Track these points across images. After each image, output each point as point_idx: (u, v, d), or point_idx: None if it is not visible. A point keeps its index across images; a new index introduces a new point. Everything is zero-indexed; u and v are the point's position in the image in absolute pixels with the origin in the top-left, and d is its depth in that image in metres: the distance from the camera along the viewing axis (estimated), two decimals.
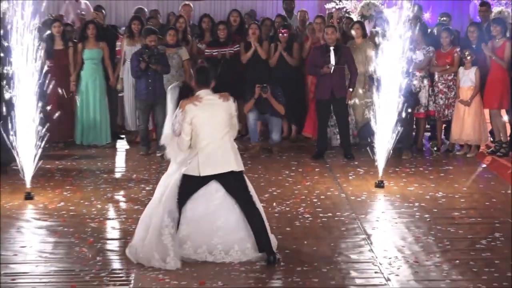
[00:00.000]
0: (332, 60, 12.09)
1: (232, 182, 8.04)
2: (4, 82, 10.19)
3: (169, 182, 8.05)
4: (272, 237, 8.15)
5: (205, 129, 7.92)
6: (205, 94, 7.95)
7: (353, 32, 12.91)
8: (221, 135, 7.98)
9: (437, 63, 12.61)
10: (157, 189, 8.23)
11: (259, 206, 8.16)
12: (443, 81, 12.59)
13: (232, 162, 7.97)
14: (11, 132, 10.09)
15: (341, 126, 12.55)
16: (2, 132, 10.21)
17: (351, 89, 12.40)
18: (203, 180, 8.01)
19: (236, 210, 7.97)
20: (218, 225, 7.95)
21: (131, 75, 12.95)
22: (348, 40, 12.89)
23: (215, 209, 7.99)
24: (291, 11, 14.96)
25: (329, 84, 12.20)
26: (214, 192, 8.01)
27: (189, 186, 7.96)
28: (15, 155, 10.21)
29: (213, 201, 8.00)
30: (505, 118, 12.17)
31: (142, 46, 12.74)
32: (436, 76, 12.65)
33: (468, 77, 12.35)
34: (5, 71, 10.13)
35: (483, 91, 12.40)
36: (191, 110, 7.83)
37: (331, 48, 12.16)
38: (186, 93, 8.11)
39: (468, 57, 12.25)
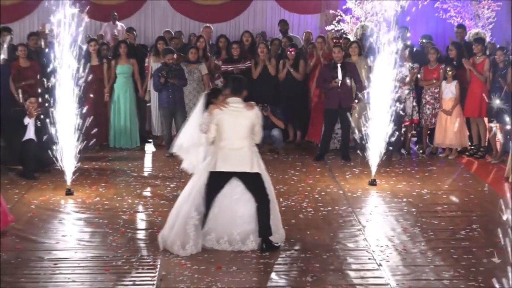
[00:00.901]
0: (339, 76, 12.14)
1: (249, 181, 8.05)
2: (50, 94, 10.26)
3: (197, 180, 8.11)
4: (281, 231, 8.25)
5: (226, 131, 7.97)
6: (234, 101, 7.99)
7: (350, 50, 12.94)
8: (240, 139, 8.00)
9: (424, 78, 12.65)
10: (187, 186, 8.28)
11: (273, 203, 8.20)
12: (430, 93, 12.60)
13: (246, 164, 7.99)
14: (55, 137, 10.18)
15: (344, 132, 12.54)
16: (46, 137, 10.30)
17: (356, 101, 12.37)
18: (224, 177, 8.06)
19: (252, 203, 8.01)
20: (237, 217, 8.01)
21: (153, 89, 13.01)
22: (346, 57, 12.93)
23: (235, 203, 8.05)
24: (286, 32, 14.97)
25: (337, 96, 12.21)
26: (235, 187, 8.05)
27: (214, 182, 8.01)
28: (58, 156, 10.27)
29: (234, 195, 8.05)
30: (493, 126, 12.07)
31: (161, 64, 12.76)
32: (424, 89, 12.68)
33: (449, 90, 12.38)
34: (50, 84, 10.19)
35: (464, 102, 12.44)
36: (217, 114, 7.91)
37: (338, 65, 12.22)
38: (210, 99, 8.19)
39: (450, 72, 12.32)
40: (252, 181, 8.08)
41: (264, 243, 7.96)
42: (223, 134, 7.99)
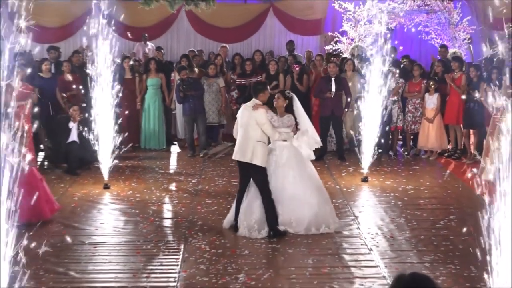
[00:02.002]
0: (333, 88, 12.13)
1: (250, 171, 8.05)
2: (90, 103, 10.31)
3: None
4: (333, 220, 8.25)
5: (239, 125, 8.12)
6: (251, 102, 8.05)
7: (346, 66, 12.95)
8: (247, 133, 7.97)
9: (408, 90, 12.63)
10: None
11: (321, 192, 8.29)
12: (412, 104, 12.57)
13: (247, 155, 7.92)
14: (94, 139, 10.21)
15: (337, 136, 12.52)
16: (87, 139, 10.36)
17: (346, 110, 12.42)
18: (239, 165, 8.24)
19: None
20: (254, 207, 8.05)
21: (176, 101, 13.07)
22: (342, 72, 12.91)
23: (251, 195, 8.12)
24: (292, 51, 14.97)
25: (330, 105, 12.22)
26: (250, 181, 8.14)
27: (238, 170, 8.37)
28: (97, 156, 10.33)
29: (251, 187, 8.14)
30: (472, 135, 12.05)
31: (178, 80, 12.80)
32: (407, 100, 12.67)
33: (431, 101, 12.35)
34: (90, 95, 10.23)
35: (444, 111, 12.42)
36: (239, 111, 8.27)
37: (332, 78, 12.23)
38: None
39: (432, 86, 12.31)
40: (251, 171, 8.02)
41: (271, 231, 7.95)
42: (238, 127, 8.12)
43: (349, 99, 12.30)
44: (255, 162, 7.91)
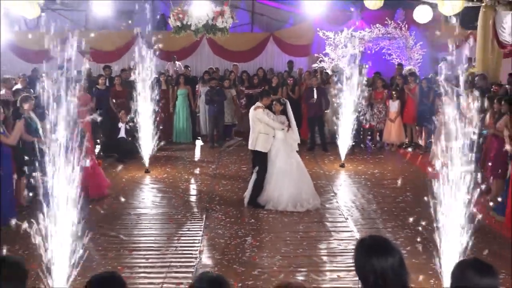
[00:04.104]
0: (315, 96, 12.10)
1: (254, 156, 8.21)
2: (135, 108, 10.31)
3: None
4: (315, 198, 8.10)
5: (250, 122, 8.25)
6: (255, 105, 8.16)
7: (330, 80, 12.87)
8: (252, 128, 8.12)
9: (374, 97, 12.56)
10: None
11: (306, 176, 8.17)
12: (376, 107, 12.48)
13: (253, 144, 8.07)
14: (138, 135, 10.22)
15: (320, 132, 12.44)
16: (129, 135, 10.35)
17: (326, 111, 12.40)
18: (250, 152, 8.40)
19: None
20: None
21: (205, 103, 13.03)
22: (326, 84, 12.85)
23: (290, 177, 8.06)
24: (292, 68, 14.88)
25: (314, 109, 12.18)
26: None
27: None
28: (139, 148, 10.29)
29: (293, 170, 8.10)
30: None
31: (209, 87, 12.84)
32: (374, 105, 12.59)
33: (394, 106, 12.26)
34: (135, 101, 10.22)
35: (402, 113, 12.34)
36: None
37: (314, 88, 12.18)
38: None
39: (395, 95, 12.26)
40: (254, 155, 8.17)
41: (250, 200, 8.02)
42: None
43: (326, 106, 12.33)
44: (257, 148, 8.05)
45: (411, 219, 7.03)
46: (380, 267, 2.36)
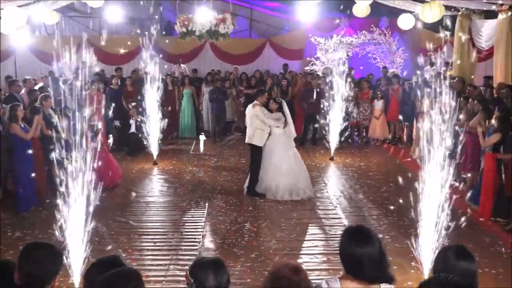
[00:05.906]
0: (314, 96, 12.04)
1: (251, 148, 8.11)
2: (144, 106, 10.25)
3: None
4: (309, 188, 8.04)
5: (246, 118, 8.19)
6: (253, 103, 8.08)
7: (321, 82, 12.79)
8: (249, 124, 8.03)
9: (360, 97, 12.54)
10: None
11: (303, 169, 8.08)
12: (362, 106, 12.48)
13: (249, 138, 8.00)
14: (146, 131, 10.15)
15: (314, 129, 12.45)
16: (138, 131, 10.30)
17: (323, 111, 12.33)
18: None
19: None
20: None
21: (209, 101, 12.98)
22: (319, 86, 12.82)
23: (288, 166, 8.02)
24: (286, 71, 14.82)
25: (311, 107, 12.10)
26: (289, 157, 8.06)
27: None
28: (147, 143, 10.21)
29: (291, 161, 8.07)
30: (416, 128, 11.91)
31: (213, 86, 12.82)
32: (360, 104, 12.58)
33: (378, 104, 12.25)
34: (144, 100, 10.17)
35: (386, 111, 12.33)
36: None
37: (315, 89, 12.11)
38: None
39: (379, 95, 12.25)
40: (251, 148, 8.07)
41: (248, 188, 8.00)
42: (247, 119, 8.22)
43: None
44: (253, 142, 8.02)
45: (393, 207, 7.02)
46: (358, 253, 2.38)
